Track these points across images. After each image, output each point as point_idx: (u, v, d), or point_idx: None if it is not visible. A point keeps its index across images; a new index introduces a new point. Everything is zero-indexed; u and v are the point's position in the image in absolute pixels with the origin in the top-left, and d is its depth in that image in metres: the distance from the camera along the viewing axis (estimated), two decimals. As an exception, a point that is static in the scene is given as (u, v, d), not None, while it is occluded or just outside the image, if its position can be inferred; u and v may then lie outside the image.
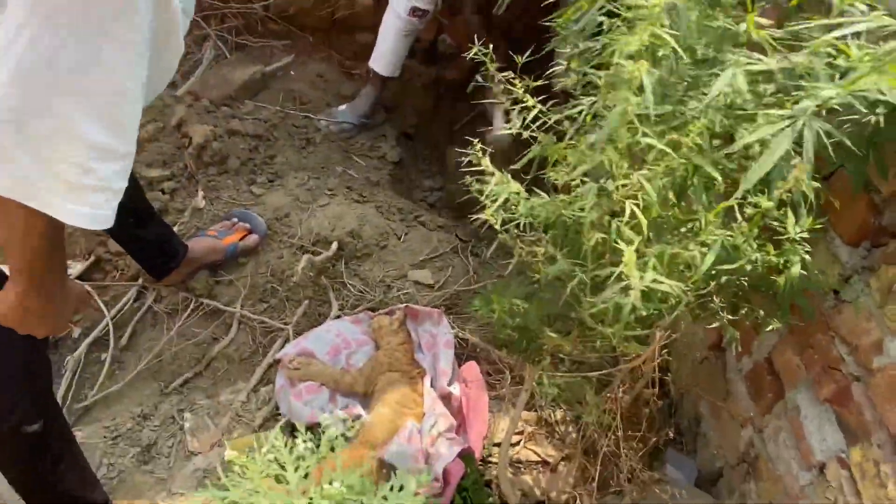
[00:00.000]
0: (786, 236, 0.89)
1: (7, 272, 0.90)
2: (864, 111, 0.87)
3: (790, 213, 0.89)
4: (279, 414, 1.55)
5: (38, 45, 0.66)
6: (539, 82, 1.04)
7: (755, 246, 0.90)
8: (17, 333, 0.94)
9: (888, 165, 0.93)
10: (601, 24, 0.83)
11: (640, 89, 0.61)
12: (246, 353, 1.72)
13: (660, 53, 0.64)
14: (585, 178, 0.70)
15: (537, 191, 0.81)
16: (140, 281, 1.80)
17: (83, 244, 1.83)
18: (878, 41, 0.63)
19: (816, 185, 0.91)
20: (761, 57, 0.64)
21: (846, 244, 1.03)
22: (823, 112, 0.82)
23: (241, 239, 1.84)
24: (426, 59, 2.78)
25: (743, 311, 0.99)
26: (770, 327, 0.91)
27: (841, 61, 0.64)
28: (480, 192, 0.85)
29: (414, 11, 2.15)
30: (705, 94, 0.66)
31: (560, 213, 0.75)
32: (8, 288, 0.89)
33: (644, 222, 0.65)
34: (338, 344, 1.59)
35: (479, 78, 1.04)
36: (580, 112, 0.74)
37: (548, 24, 1.03)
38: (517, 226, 0.87)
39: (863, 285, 0.98)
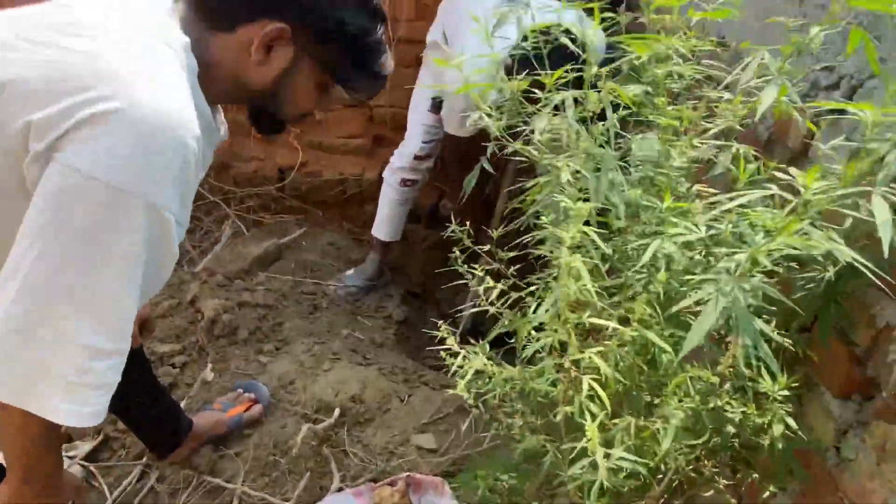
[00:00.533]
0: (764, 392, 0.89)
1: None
2: (819, 267, 0.92)
3: (765, 373, 0.90)
4: None
5: (45, 263, 0.74)
6: (513, 253, 1.12)
7: (734, 405, 0.89)
8: None
9: (854, 319, 0.95)
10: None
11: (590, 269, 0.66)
12: (245, 533, 1.65)
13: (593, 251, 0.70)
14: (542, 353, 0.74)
15: (504, 364, 0.84)
16: (144, 459, 1.79)
17: (91, 423, 1.85)
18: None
19: (786, 340, 0.93)
20: (691, 227, 0.70)
21: (836, 397, 1.01)
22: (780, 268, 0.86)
23: (246, 410, 1.85)
24: (429, 223, 2.96)
25: (739, 475, 0.96)
26: (766, 493, 0.88)
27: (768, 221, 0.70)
28: (457, 366, 0.88)
29: (404, 182, 2.35)
30: (650, 266, 0.71)
31: (530, 386, 0.77)
32: (4, 484, 0.91)
33: (605, 397, 0.67)
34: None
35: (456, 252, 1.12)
36: (539, 289, 0.79)
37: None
38: (495, 397, 0.89)
39: (859, 441, 0.95)
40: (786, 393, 0.90)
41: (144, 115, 0.76)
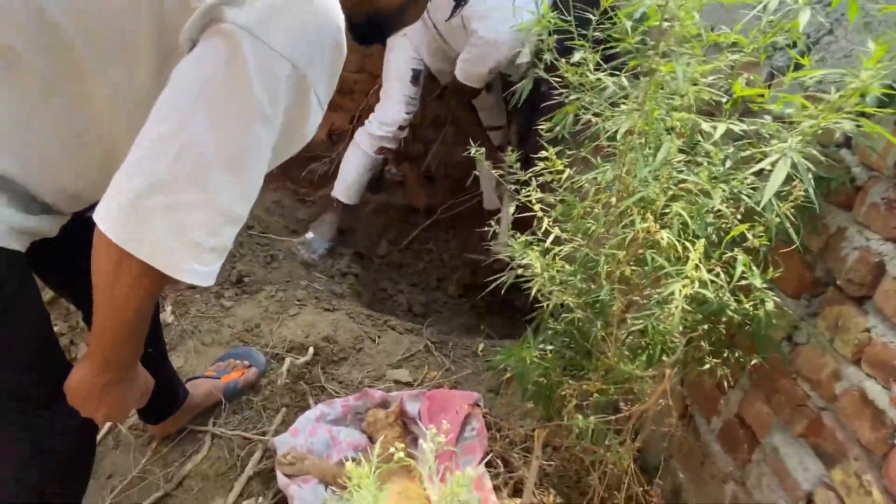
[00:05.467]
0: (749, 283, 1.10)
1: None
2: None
3: (754, 268, 1.11)
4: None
5: (210, 124, 0.73)
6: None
7: (729, 297, 1.10)
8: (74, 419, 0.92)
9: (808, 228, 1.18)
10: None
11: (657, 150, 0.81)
12: (222, 468, 1.64)
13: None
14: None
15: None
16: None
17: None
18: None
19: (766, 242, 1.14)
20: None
21: (789, 297, 1.25)
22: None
23: (241, 375, 1.76)
24: (373, 188, 3.02)
25: (724, 354, 1.16)
26: (754, 360, 1.08)
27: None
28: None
29: (381, 150, 2.39)
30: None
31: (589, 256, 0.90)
32: (79, 366, 0.89)
33: (678, 246, 0.81)
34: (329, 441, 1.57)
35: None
36: (600, 176, 0.93)
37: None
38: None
39: (811, 327, 1.19)
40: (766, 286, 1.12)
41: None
